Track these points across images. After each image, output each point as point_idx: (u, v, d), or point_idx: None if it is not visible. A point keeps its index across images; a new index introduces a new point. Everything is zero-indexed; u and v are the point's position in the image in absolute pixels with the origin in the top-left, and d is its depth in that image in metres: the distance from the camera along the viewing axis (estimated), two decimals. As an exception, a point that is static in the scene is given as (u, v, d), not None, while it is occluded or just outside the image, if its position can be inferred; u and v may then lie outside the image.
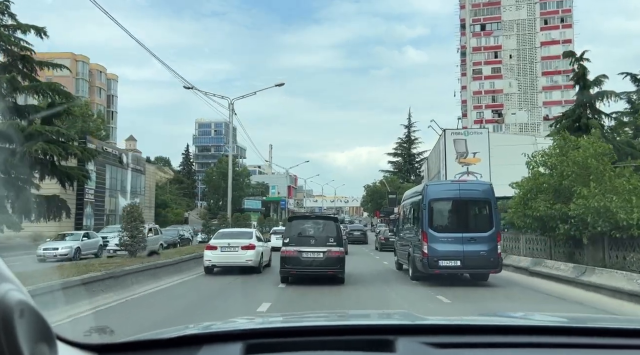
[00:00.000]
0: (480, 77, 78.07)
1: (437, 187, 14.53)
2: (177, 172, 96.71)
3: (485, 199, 13.50)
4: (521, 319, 2.02)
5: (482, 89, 77.93)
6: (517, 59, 77.11)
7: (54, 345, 0.90)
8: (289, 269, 12.91)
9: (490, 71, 77.83)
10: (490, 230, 13.07)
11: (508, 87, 76.73)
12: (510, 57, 77.24)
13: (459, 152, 31.52)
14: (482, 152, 30.78)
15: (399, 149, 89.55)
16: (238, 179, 77.45)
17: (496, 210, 13.52)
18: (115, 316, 8.76)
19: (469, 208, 13.76)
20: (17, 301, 0.79)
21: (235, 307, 9.91)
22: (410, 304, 10.01)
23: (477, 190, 13.93)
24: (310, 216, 15.63)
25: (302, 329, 1.69)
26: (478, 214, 13.85)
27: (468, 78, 79.51)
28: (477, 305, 9.96)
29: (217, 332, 1.59)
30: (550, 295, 11.98)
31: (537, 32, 76.34)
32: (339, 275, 12.81)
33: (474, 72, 78.43)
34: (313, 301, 10.83)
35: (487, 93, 77.18)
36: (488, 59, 78.16)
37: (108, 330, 1.75)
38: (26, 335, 0.79)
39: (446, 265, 12.76)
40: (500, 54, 77.75)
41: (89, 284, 9.95)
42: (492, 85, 76.26)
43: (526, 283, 14.27)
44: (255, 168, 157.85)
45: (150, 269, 13.25)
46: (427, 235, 12.92)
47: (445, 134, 32.99)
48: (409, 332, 1.57)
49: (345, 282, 12.90)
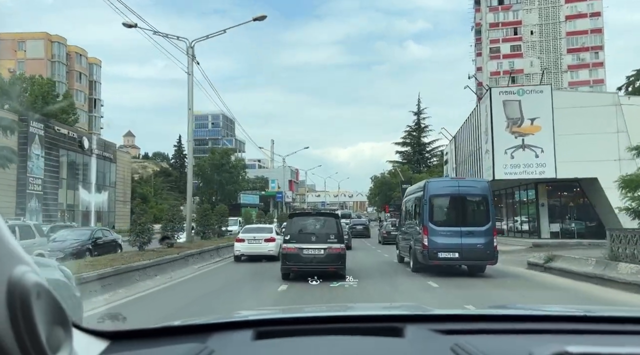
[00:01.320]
0: (498, 56, 70.81)
1: (438, 184, 15.32)
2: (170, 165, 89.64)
3: (482, 195, 14.23)
4: (529, 309, 2.01)
5: (500, 69, 70.66)
6: (539, 35, 69.79)
7: (69, 329, 0.88)
8: (290, 265, 13.10)
9: (510, 49, 70.56)
10: (487, 224, 13.84)
11: (529, 66, 69.37)
12: (532, 33, 69.92)
13: (510, 118, 23.56)
14: (542, 117, 22.86)
15: (408, 138, 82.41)
16: (233, 172, 70.88)
17: (492, 206, 14.24)
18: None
19: (467, 204, 14.55)
20: (34, 283, 0.78)
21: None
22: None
23: (475, 187, 14.71)
24: (311, 213, 15.88)
25: (312, 318, 1.74)
26: (476, 209, 14.50)
27: (484, 57, 72.34)
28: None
29: (228, 321, 1.62)
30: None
31: (562, 5, 68.89)
32: (340, 272, 12.95)
33: (491, 51, 71.20)
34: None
35: (505, 73, 69.81)
36: (507, 35, 70.87)
37: (121, 317, 1.86)
38: (43, 318, 0.78)
39: (445, 256, 13.44)
40: (520, 30, 70.42)
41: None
42: (512, 65, 68.79)
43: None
44: (255, 162, 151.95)
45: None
46: (427, 229, 13.68)
47: (492, 93, 25.28)
48: (417, 320, 1.59)
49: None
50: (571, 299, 9.95)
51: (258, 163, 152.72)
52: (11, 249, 0.80)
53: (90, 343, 1.28)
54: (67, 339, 0.86)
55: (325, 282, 11.57)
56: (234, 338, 1.43)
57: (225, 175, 69.56)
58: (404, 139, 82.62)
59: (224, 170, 69.52)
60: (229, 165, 70.55)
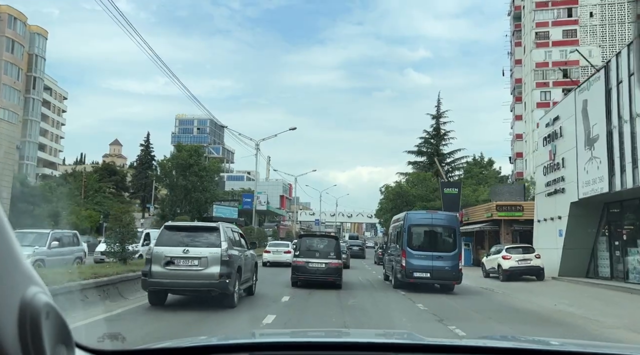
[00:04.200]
0: (547, 44, 56.14)
1: (416, 215, 18.00)
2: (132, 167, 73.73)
3: (451, 226, 17.15)
4: (522, 342, 2.06)
5: (548, 59, 55.91)
6: (600, 17, 55.24)
7: (72, 348, 0.92)
8: (298, 275, 16.25)
9: (562, 35, 55.94)
10: (454, 250, 16.67)
11: (587, 57, 54.57)
12: (591, 15, 55.38)
13: None
14: None
15: (424, 146, 67.25)
16: (204, 176, 55.61)
17: (459, 235, 17.21)
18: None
19: (438, 233, 17.34)
20: (44, 304, 0.82)
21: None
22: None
23: (445, 219, 17.59)
24: (317, 234, 22.53)
25: (306, 344, 1.79)
26: (445, 238, 17.16)
27: (527, 45, 57.71)
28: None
29: (225, 344, 1.68)
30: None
31: (631, -20, 54.57)
32: (337, 282, 16.09)
33: (536, 37, 56.53)
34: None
35: (556, 65, 55.04)
36: (558, 17, 56.29)
37: (120, 337, 1.86)
38: (49, 337, 0.82)
39: (419, 276, 16.22)
40: (576, 12, 55.93)
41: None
42: (564, 55, 54.08)
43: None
44: (244, 174, 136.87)
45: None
46: (405, 253, 16.39)
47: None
48: (408, 350, 1.63)
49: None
50: None
51: (247, 175, 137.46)
52: (24, 270, 0.83)
53: None
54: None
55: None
56: None
57: (194, 179, 54.06)
58: (419, 147, 67.43)
59: (192, 173, 54.22)
60: (198, 167, 55.06)
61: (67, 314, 2.87)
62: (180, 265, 10.15)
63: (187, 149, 56.43)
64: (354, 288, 16.89)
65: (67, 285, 9.26)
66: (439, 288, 16.77)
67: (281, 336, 2.37)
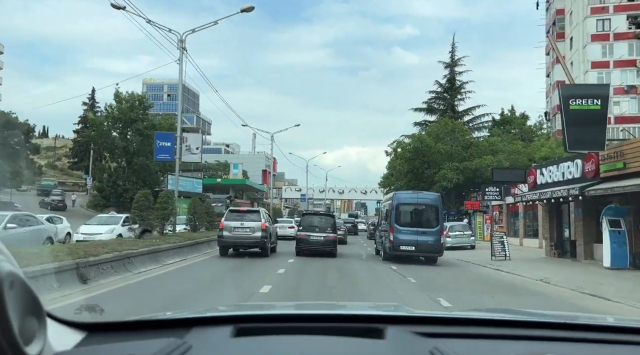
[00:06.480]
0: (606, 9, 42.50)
1: (403, 195, 20.37)
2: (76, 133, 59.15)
3: (434, 205, 19.21)
4: (511, 314, 2.06)
5: None
6: None
7: (43, 320, 0.88)
8: (301, 246, 19.71)
9: None
10: (437, 226, 18.72)
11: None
12: None
13: None
14: None
15: (435, 103, 53.87)
16: (151, 135, 41.72)
17: (442, 213, 19.71)
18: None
19: (423, 211, 19.41)
20: (7, 272, 0.77)
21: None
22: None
23: (429, 199, 19.71)
24: (317, 213, 25.16)
25: (293, 316, 1.74)
26: (429, 215, 19.23)
27: None
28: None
29: (207, 316, 1.61)
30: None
31: None
32: (333, 252, 19.59)
33: None
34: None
35: None
36: None
37: (98, 308, 1.82)
38: (15, 308, 0.77)
39: (404, 249, 18.21)
40: None
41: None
42: None
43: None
44: (221, 146, 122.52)
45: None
46: (393, 228, 18.44)
47: None
48: (398, 321, 1.59)
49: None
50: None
51: (225, 148, 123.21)
52: None
53: (66, 334, 1.25)
54: (41, 330, 0.85)
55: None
56: (213, 334, 1.42)
57: (136, 139, 40.10)
58: (429, 103, 53.94)
59: (136, 131, 40.31)
60: (145, 123, 40.98)
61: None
62: (239, 231, 17.94)
63: (127, 100, 42.04)
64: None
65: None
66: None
67: (269, 309, 2.30)
